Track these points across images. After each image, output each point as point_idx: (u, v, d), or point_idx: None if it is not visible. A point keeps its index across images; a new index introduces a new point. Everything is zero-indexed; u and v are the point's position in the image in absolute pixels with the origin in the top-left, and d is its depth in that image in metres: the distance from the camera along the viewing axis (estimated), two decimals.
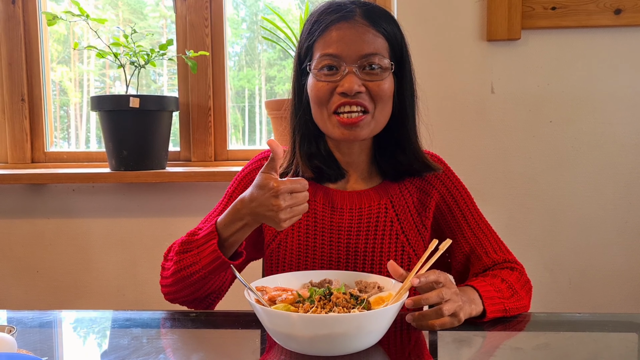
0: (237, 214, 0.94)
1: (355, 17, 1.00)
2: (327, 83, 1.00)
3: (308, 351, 0.79)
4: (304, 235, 1.08)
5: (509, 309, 0.96)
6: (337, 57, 0.99)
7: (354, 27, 0.99)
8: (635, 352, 0.86)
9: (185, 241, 1.00)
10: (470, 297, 0.93)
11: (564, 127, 1.74)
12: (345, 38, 0.98)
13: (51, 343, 0.92)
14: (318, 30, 1.01)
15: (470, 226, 1.09)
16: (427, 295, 0.85)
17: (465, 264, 1.10)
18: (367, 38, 0.99)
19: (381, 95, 1.00)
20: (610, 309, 1.78)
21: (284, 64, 2.14)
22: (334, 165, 1.09)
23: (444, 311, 0.84)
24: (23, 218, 1.91)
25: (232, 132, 2.05)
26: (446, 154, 1.18)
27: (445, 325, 0.87)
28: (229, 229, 0.95)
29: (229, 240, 0.96)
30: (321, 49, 1.00)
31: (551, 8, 1.69)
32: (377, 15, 1.02)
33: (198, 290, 1.01)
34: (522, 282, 1.03)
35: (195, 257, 0.97)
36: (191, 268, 0.98)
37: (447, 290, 0.86)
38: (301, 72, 1.07)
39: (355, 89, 0.98)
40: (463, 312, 0.88)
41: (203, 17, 1.92)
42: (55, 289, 1.92)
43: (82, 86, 2.23)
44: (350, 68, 0.98)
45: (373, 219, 1.08)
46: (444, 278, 0.87)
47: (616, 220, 1.76)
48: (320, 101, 1.02)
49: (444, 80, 1.74)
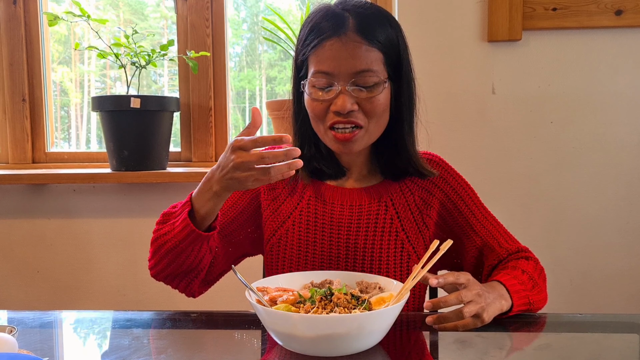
0: (208, 184, 0.94)
1: (347, 32, 0.98)
2: (321, 102, 1.01)
3: (309, 352, 0.79)
4: (304, 232, 1.09)
5: (533, 302, 0.98)
6: (329, 75, 0.99)
7: (345, 45, 0.97)
8: (636, 352, 0.86)
9: (166, 212, 1.03)
10: (499, 292, 0.94)
11: (564, 127, 1.74)
12: (337, 55, 0.98)
13: (52, 343, 0.92)
14: (312, 44, 1.01)
15: (479, 220, 1.10)
16: (445, 298, 0.84)
17: (479, 258, 1.10)
18: (359, 54, 0.97)
19: (375, 110, 1.00)
20: (612, 310, 1.77)
21: (284, 64, 2.14)
22: (334, 165, 1.11)
23: (464, 313, 0.84)
24: (24, 218, 1.91)
25: (232, 133, 2.05)
26: (447, 155, 1.17)
27: (468, 327, 0.86)
28: (200, 200, 0.96)
29: (201, 212, 0.96)
30: (315, 65, 1.00)
31: (552, 9, 1.69)
32: (371, 25, 0.99)
33: (174, 261, 1.01)
34: (538, 271, 1.05)
35: (170, 227, 0.99)
36: (165, 237, 0.99)
37: (467, 292, 0.85)
38: (299, 79, 1.07)
39: (348, 107, 0.98)
40: (487, 312, 0.87)
41: (204, 17, 1.92)
42: (56, 289, 1.92)
43: (82, 87, 2.23)
44: (343, 87, 0.98)
45: (373, 216, 1.08)
46: (465, 279, 0.87)
47: (617, 221, 1.75)
48: (317, 117, 1.03)
49: (445, 80, 1.74)
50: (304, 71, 1.05)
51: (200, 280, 1.07)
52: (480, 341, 0.87)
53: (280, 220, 1.11)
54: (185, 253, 0.99)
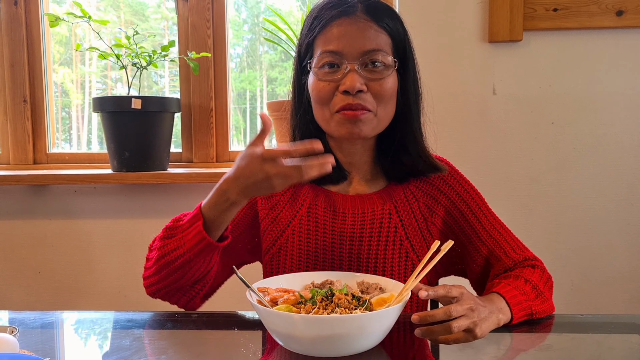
0: (223, 195, 0.90)
1: (356, 12, 0.97)
2: (328, 83, 0.98)
3: (310, 352, 0.79)
4: (304, 240, 1.06)
5: (536, 312, 0.94)
6: (338, 54, 0.96)
7: (355, 23, 0.96)
8: (638, 353, 0.86)
9: (170, 227, 0.98)
10: (497, 306, 0.90)
11: (565, 128, 1.74)
12: (347, 34, 0.96)
13: (53, 344, 0.92)
14: (318, 27, 0.99)
15: (486, 228, 1.06)
16: (433, 312, 0.80)
17: (485, 267, 1.07)
18: (369, 34, 0.96)
19: (383, 94, 0.98)
20: (613, 311, 1.77)
21: (285, 65, 2.14)
22: (336, 167, 1.07)
23: (453, 328, 0.79)
24: (25, 219, 1.91)
25: (233, 134, 2.05)
26: (448, 156, 1.17)
27: (459, 341, 0.83)
28: (214, 211, 0.92)
29: (215, 223, 0.93)
30: (322, 46, 0.98)
31: (553, 9, 1.69)
32: (379, 10, 0.99)
33: (182, 277, 0.97)
34: (544, 280, 1.01)
35: (180, 241, 0.94)
36: (176, 252, 0.95)
37: (457, 307, 0.81)
38: (301, 70, 1.04)
39: (358, 86, 0.95)
40: (480, 327, 0.83)
41: (205, 18, 1.92)
42: (57, 290, 1.92)
43: (83, 87, 2.24)
44: (352, 65, 0.96)
45: (376, 224, 1.05)
46: (457, 292, 0.83)
47: (618, 222, 1.75)
48: (322, 100, 0.99)
49: (446, 81, 1.74)
50: (307, 59, 1.01)
51: (203, 293, 1.03)
52: (481, 342, 0.87)
53: (280, 230, 1.08)
54: (196, 266, 0.96)
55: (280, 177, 0.85)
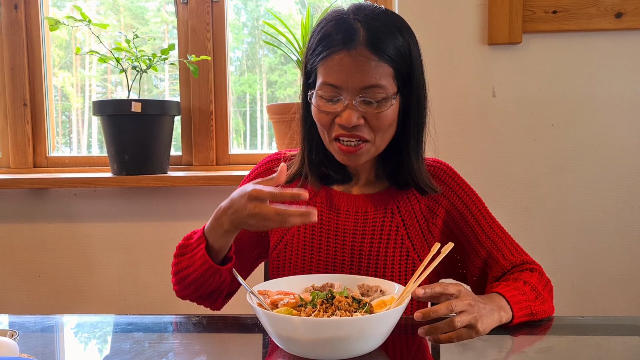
0: (218, 222, 0.96)
1: (357, 46, 0.95)
2: (327, 114, 1.00)
3: (310, 355, 0.79)
4: (309, 238, 1.09)
5: (535, 312, 0.95)
6: (337, 88, 0.97)
7: (355, 59, 0.95)
8: (638, 355, 0.86)
9: (182, 245, 1.05)
10: (498, 304, 0.91)
11: (565, 130, 1.74)
12: (346, 68, 0.96)
13: (53, 347, 0.92)
14: (322, 54, 0.99)
15: (485, 231, 1.08)
16: (436, 308, 0.81)
17: (483, 269, 1.09)
18: (368, 69, 0.95)
19: (381, 126, 0.99)
20: (613, 313, 1.77)
21: (285, 68, 2.14)
22: (341, 170, 1.10)
23: (455, 323, 0.81)
24: (25, 222, 1.91)
25: (233, 137, 2.05)
26: (447, 158, 1.17)
27: (462, 338, 0.83)
28: (212, 236, 0.98)
29: (215, 246, 0.99)
30: (323, 75, 0.99)
31: (552, 12, 1.69)
32: (382, 38, 0.97)
33: (198, 290, 1.04)
34: (543, 283, 1.02)
35: (189, 261, 1.01)
36: (186, 270, 1.02)
37: (458, 302, 0.83)
38: (307, 86, 1.06)
39: (353, 122, 0.97)
40: (481, 323, 0.84)
41: (205, 22, 1.93)
42: (57, 294, 1.92)
43: (83, 91, 2.24)
44: (350, 101, 0.97)
45: (379, 223, 1.08)
46: (455, 289, 0.85)
47: (618, 224, 1.75)
48: (322, 127, 1.03)
49: (446, 84, 1.74)
50: (312, 79, 1.04)
51: (223, 296, 1.10)
52: (482, 344, 0.87)
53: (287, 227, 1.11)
54: (207, 282, 1.02)
55: (262, 219, 0.89)
